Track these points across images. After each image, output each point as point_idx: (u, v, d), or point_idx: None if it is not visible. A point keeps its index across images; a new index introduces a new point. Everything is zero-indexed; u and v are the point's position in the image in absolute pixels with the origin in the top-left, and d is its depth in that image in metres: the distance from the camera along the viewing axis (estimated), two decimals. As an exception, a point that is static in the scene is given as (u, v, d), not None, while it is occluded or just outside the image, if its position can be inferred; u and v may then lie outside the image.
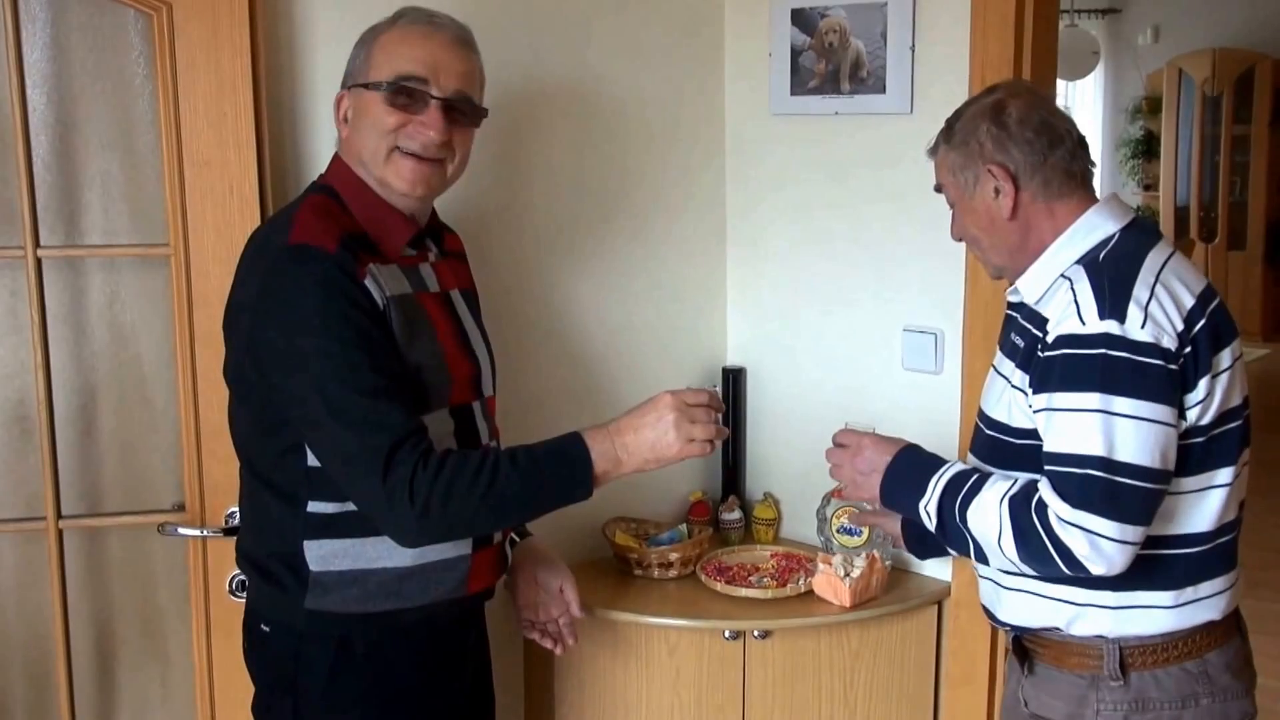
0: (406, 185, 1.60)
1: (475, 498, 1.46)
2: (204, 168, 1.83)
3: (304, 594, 1.57)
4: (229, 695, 1.92)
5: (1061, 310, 1.48)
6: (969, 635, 2.20)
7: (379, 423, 1.45)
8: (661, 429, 1.50)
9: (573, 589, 1.83)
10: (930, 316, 2.20)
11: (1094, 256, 1.53)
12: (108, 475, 1.95)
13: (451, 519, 1.47)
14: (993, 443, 1.61)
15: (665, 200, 2.39)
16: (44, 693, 1.96)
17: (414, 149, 1.58)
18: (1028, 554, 1.46)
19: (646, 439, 1.50)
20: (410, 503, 1.43)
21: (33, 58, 1.81)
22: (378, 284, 1.53)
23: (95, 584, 1.98)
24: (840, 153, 2.29)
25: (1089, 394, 1.42)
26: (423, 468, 1.44)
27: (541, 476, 1.50)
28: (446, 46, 1.59)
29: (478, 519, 1.51)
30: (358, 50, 1.63)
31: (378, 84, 1.57)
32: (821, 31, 2.26)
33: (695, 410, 1.52)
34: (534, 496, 1.51)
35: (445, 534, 1.54)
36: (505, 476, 1.47)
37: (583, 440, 1.51)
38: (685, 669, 2.11)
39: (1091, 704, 1.56)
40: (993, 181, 1.56)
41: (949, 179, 1.62)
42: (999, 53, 2.03)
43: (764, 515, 2.44)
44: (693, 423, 1.51)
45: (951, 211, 1.67)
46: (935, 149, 1.65)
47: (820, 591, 2.13)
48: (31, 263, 1.81)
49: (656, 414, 1.51)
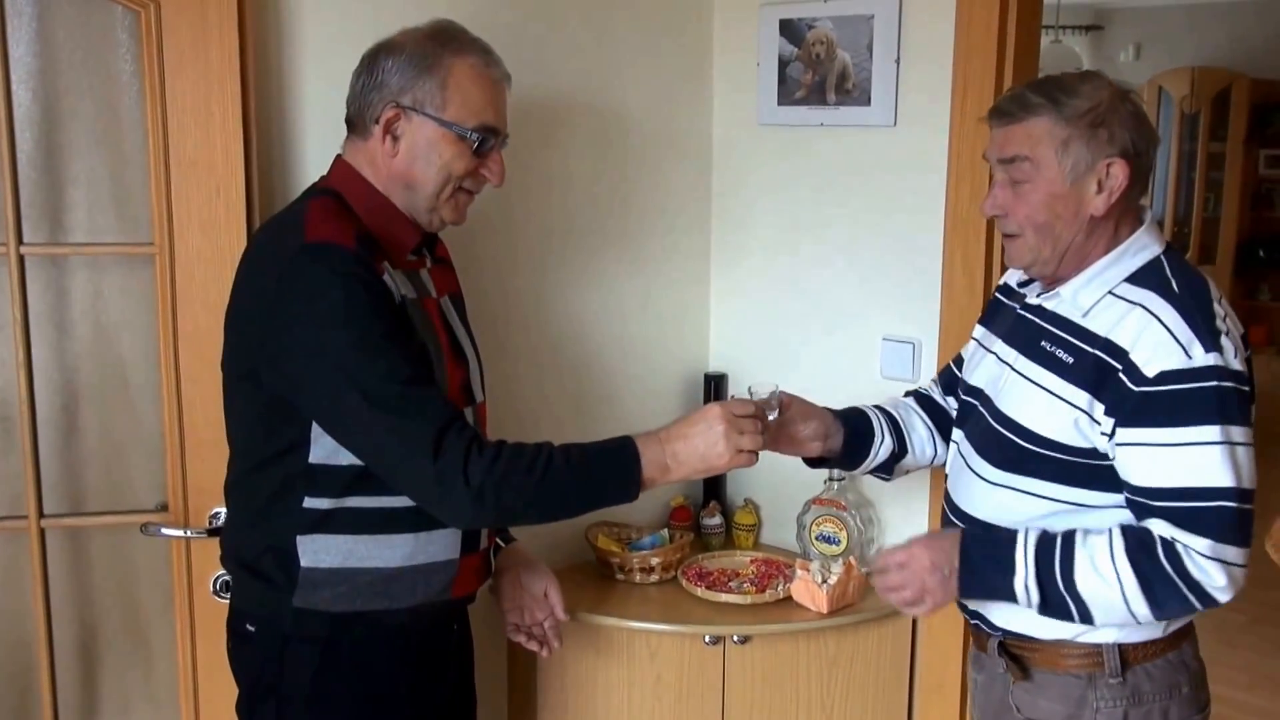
0: (457, 219, 1.67)
1: (530, 488, 1.49)
2: (191, 167, 1.82)
3: (293, 591, 1.58)
4: (213, 696, 1.91)
5: (1155, 343, 1.44)
6: (943, 643, 2.22)
7: (421, 409, 1.48)
8: (712, 439, 1.54)
9: (557, 592, 1.85)
10: (909, 327, 2.23)
11: (1161, 282, 1.49)
12: (90, 475, 1.95)
13: (505, 505, 1.50)
14: (1021, 451, 1.56)
15: (652, 207, 2.40)
16: (26, 693, 1.95)
17: (473, 188, 1.66)
18: (1155, 602, 1.45)
19: (696, 449, 1.54)
20: (466, 485, 1.46)
21: (18, 53, 1.80)
22: (394, 282, 1.56)
23: (78, 584, 1.97)
24: (825, 163, 2.31)
25: (1209, 427, 1.41)
26: (478, 452, 1.47)
27: (592, 475, 1.54)
28: (505, 91, 1.66)
29: (529, 508, 1.54)
30: (418, 73, 1.58)
31: (463, 129, 1.59)
32: (809, 43, 2.28)
33: (743, 421, 1.56)
34: (583, 493, 1.55)
35: (496, 519, 1.61)
36: (559, 470, 1.51)
37: (634, 445, 1.54)
38: (666, 673, 2.12)
39: (1090, 703, 1.57)
40: (1106, 175, 1.49)
41: (1045, 153, 1.50)
42: (982, 67, 2.06)
43: (744, 521, 2.45)
44: (741, 434, 1.55)
45: (1003, 184, 1.55)
46: (1025, 112, 1.51)
47: (798, 597, 2.15)
48: (14, 260, 1.80)
49: (706, 424, 1.55)
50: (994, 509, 1.61)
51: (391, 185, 1.61)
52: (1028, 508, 1.57)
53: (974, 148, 2.08)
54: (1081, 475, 1.53)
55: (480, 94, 1.60)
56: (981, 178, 2.08)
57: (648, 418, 2.45)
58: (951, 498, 1.70)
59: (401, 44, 1.60)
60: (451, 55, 1.59)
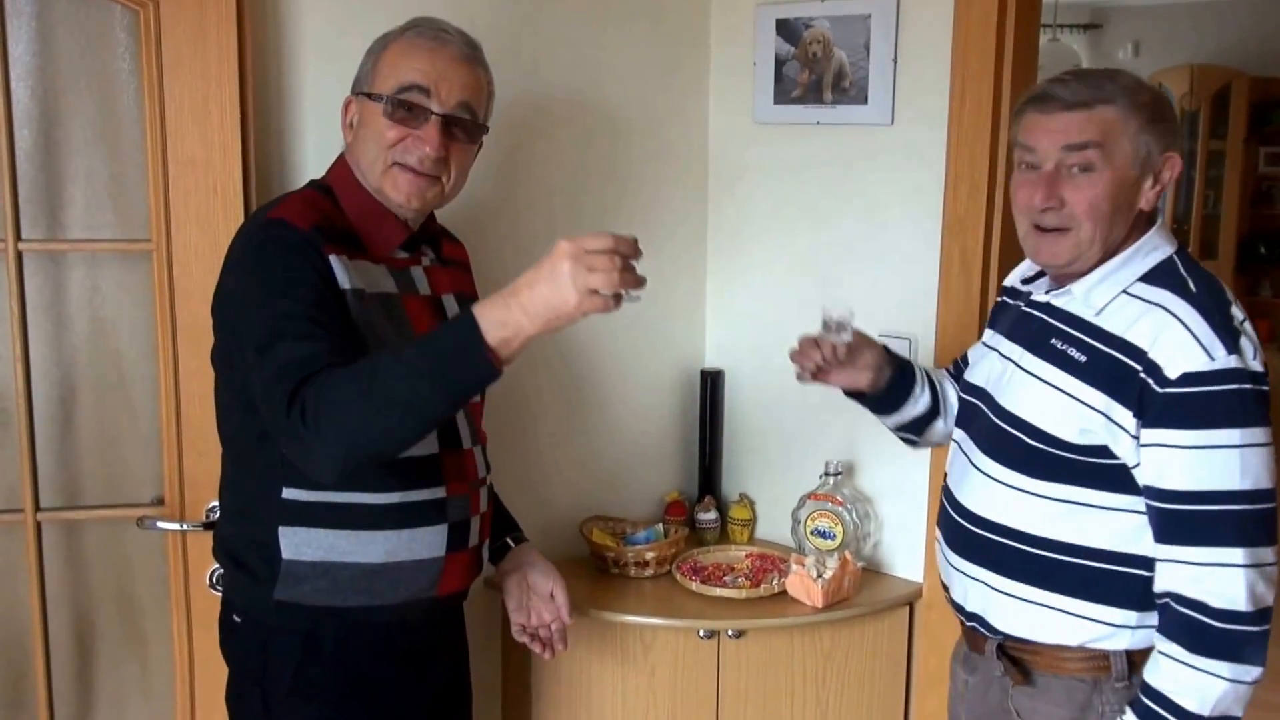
0: (402, 197, 1.61)
1: (358, 397, 1.34)
2: (188, 165, 1.84)
3: (274, 584, 1.58)
4: (208, 688, 1.92)
5: (1176, 344, 1.43)
6: (940, 637, 2.23)
7: (291, 360, 1.40)
8: (557, 281, 1.30)
9: (563, 593, 1.81)
10: (905, 323, 2.23)
11: (1177, 282, 1.49)
12: (87, 468, 1.96)
13: (343, 429, 1.35)
14: (1028, 449, 1.54)
15: (648, 205, 2.41)
16: (21, 685, 1.96)
17: (410, 163, 1.58)
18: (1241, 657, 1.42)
19: (542, 294, 1.31)
20: (303, 424, 1.35)
21: (17, 51, 1.82)
22: (344, 272, 1.53)
23: (74, 577, 1.98)
24: (821, 162, 2.32)
25: (1231, 430, 1.42)
26: (310, 386, 1.37)
27: (428, 361, 1.34)
28: (452, 60, 1.59)
29: (371, 425, 1.36)
30: (367, 58, 1.63)
31: (379, 96, 1.57)
32: (805, 42, 2.28)
33: (593, 258, 1.30)
34: (426, 384, 1.34)
35: (347, 447, 1.38)
36: (387, 369, 1.35)
37: (471, 312, 1.35)
38: (660, 667, 2.13)
39: (1096, 708, 1.55)
40: (1163, 168, 1.50)
41: (1118, 141, 1.48)
42: (980, 66, 2.06)
43: (739, 516, 2.46)
44: (590, 270, 1.30)
45: (1053, 175, 1.51)
46: (1098, 97, 1.48)
47: (793, 592, 2.16)
48: (12, 255, 1.82)
49: (551, 265, 1.31)
50: (1000, 507, 1.59)
51: (360, 174, 1.62)
52: (1036, 508, 1.55)
53: (972, 146, 2.09)
54: (1088, 474, 1.51)
55: (406, 60, 1.57)
56: (980, 176, 2.09)
57: (644, 414, 2.47)
58: (955, 495, 1.69)
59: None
60: (397, 36, 1.60)
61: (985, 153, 2.07)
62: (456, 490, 1.64)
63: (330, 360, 1.40)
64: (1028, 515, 1.56)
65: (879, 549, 2.33)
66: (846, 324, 1.64)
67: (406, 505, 1.59)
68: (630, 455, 2.46)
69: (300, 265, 1.49)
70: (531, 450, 2.31)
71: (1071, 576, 1.54)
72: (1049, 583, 1.55)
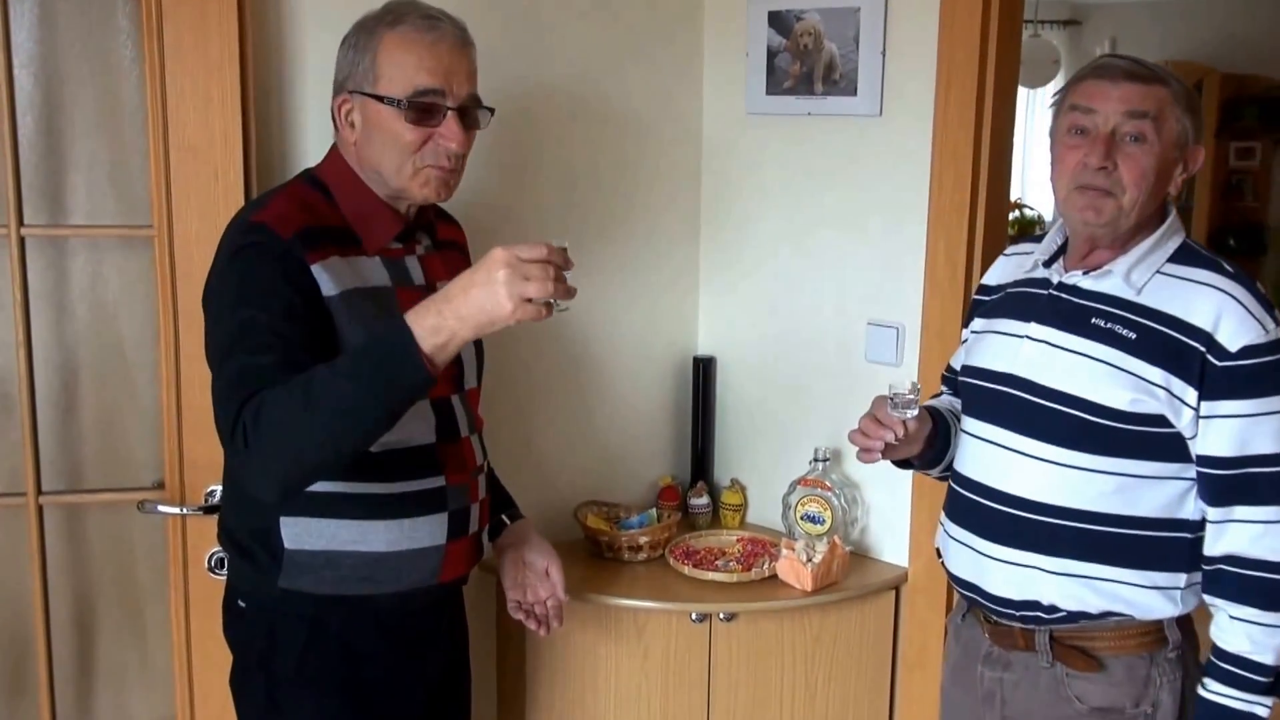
0: (434, 195, 1.61)
1: (296, 411, 1.35)
2: (190, 151, 1.85)
3: (278, 572, 1.59)
4: (207, 670, 1.94)
5: (1237, 320, 1.51)
6: (925, 621, 2.27)
7: (243, 380, 1.40)
8: (492, 289, 1.33)
9: (558, 571, 1.83)
10: (892, 312, 2.27)
11: (1209, 262, 1.58)
12: (88, 452, 1.97)
13: (283, 446, 1.36)
14: (1079, 423, 1.57)
15: (642, 194, 2.44)
16: (22, 667, 1.97)
17: (440, 163, 1.59)
18: None
19: (476, 300, 1.34)
20: (246, 447, 1.36)
21: (19, 38, 1.82)
22: (330, 277, 1.52)
23: (75, 560, 2.00)
24: (812, 152, 2.35)
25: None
26: (248, 407, 1.37)
27: (362, 371, 1.36)
28: (453, 51, 1.58)
29: (311, 436, 1.37)
30: (357, 53, 1.58)
31: (394, 100, 1.55)
32: (797, 34, 2.32)
33: (529, 266, 1.33)
34: (362, 394, 1.35)
35: (289, 465, 1.39)
36: (322, 382, 1.36)
37: (404, 321, 1.36)
38: (653, 649, 2.16)
39: (1155, 680, 1.60)
40: (1194, 158, 1.59)
41: (1169, 118, 1.56)
42: (965, 59, 2.10)
43: (731, 501, 2.50)
44: (526, 279, 1.33)
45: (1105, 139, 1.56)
46: (1154, 76, 1.56)
47: (784, 576, 2.19)
48: (15, 241, 1.82)
49: (486, 272, 1.34)
50: (1050, 487, 1.60)
51: (369, 175, 1.61)
52: (1087, 483, 1.58)
53: (956, 137, 2.13)
54: (1140, 445, 1.55)
55: (412, 59, 1.55)
56: (964, 166, 2.13)
57: (638, 401, 2.50)
58: (987, 484, 1.67)
59: (351, 31, 1.59)
60: (386, 28, 1.55)
61: (969, 143, 2.11)
62: (456, 479, 1.66)
63: (283, 375, 1.39)
64: (1079, 491, 1.58)
65: (866, 534, 2.37)
66: (913, 400, 1.65)
67: (407, 495, 1.60)
68: (624, 441, 2.49)
69: (271, 276, 1.47)
70: (527, 435, 2.33)
71: (1123, 547, 1.58)
72: (1103, 556, 1.58)
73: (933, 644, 2.27)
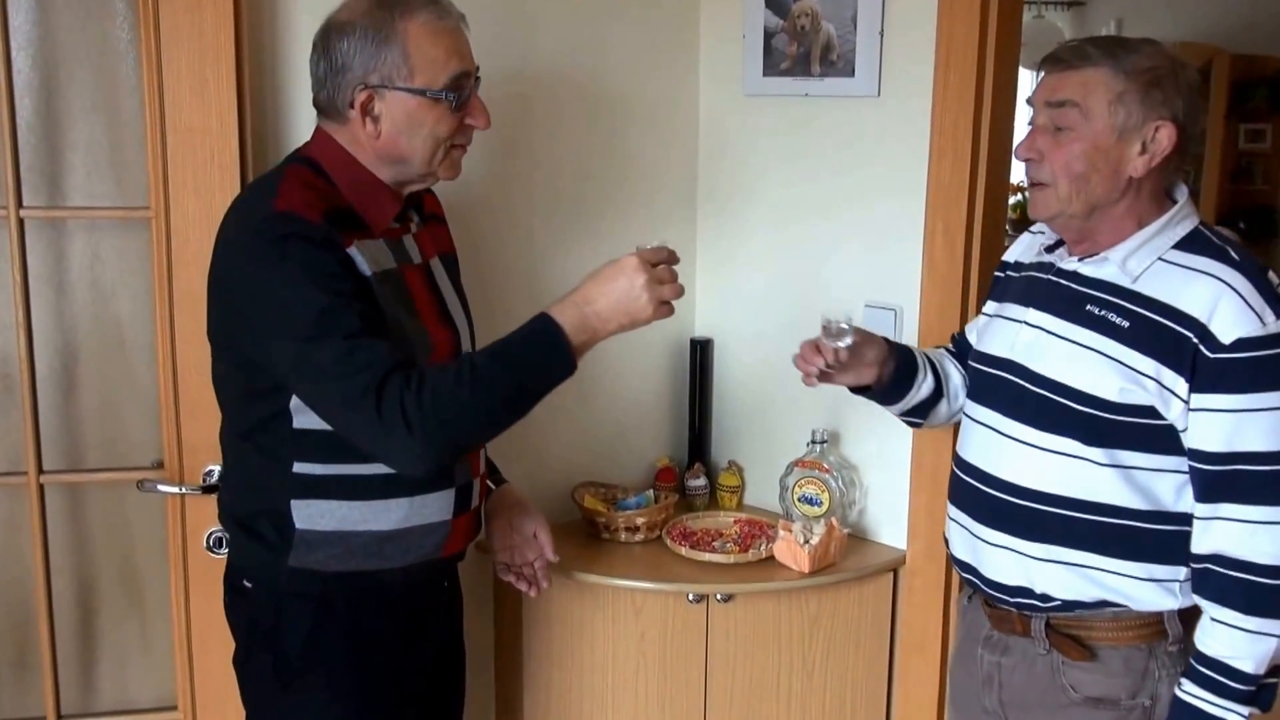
0: (455, 175, 1.66)
1: (464, 399, 1.46)
2: (186, 133, 1.85)
3: (288, 551, 1.61)
4: (206, 648, 1.96)
5: (1233, 311, 1.46)
6: (923, 603, 2.27)
7: (364, 362, 1.45)
8: (634, 292, 1.49)
9: (546, 533, 1.86)
10: (891, 293, 2.27)
11: (1217, 250, 1.51)
12: (88, 432, 1.99)
13: (450, 428, 1.47)
14: (1067, 412, 1.55)
15: (638, 176, 2.44)
16: (25, 645, 1.99)
17: (467, 142, 1.63)
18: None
19: (619, 303, 1.49)
20: (409, 431, 1.44)
21: (17, 21, 1.83)
22: (365, 259, 1.55)
23: (76, 539, 2.02)
24: (809, 133, 2.35)
25: (1277, 392, 1.45)
26: (407, 389, 1.44)
27: (521, 362, 1.49)
28: (463, 30, 1.61)
29: (475, 421, 1.50)
30: (377, 47, 1.54)
31: (437, 92, 1.56)
32: (794, 14, 2.31)
33: (662, 271, 1.51)
34: (521, 383, 1.50)
35: (450, 446, 1.51)
36: (486, 370, 1.47)
37: (550, 317, 1.50)
38: (650, 630, 2.17)
39: (1153, 673, 1.58)
40: (1152, 137, 1.51)
41: (1096, 103, 1.51)
42: (965, 38, 2.09)
43: (728, 482, 2.51)
44: (661, 283, 1.50)
45: (1043, 129, 1.55)
46: (1082, 61, 1.52)
47: (781, 557, 2.20)
48: (14, 223, 1.83)
49: (627, 278, 1.49)
50: (1041, 474, 1.60)
51: (379, 163, 1.61)
52: (1078, 472, 1.56)
53: (956, 117, 2.12)
54: (1132, 436, 1.53)
55: (441, 49, 1.56)
56: (963, 147, 2.12)
57: (635, 382, 2.51)
58: (982, 468, 1.68)
59: (350, 21, 1.55)
60: (402, 19, 1.54)
61: (969, 124, 2.10)
62: None
63: (395, 356, 1.47)
64: (1070, 480, 1.57)
65: (864, 516, 2.37)
66: (846, 330, 1.67)
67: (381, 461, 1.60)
68: (622, 422, 2.50)
69: (328, 260, 1.50)
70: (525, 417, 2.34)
71: (1118, 538, 1.56)
72: (1094, 545, 1.57)
73: (931, 626, 2.27)
